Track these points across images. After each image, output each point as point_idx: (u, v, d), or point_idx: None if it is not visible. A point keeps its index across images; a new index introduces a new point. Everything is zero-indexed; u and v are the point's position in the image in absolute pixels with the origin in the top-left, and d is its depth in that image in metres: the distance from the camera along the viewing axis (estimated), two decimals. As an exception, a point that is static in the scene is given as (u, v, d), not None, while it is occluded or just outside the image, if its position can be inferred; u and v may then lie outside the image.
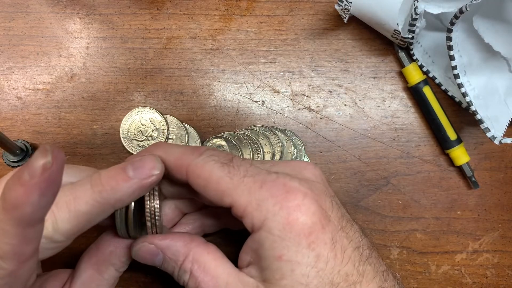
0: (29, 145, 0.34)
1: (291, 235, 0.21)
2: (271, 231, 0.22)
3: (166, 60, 0.37)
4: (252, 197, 0.22)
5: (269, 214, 0.22)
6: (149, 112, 0.35)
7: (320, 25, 0.38)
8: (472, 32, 0.32)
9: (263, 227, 0.22)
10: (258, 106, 0.37)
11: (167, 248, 0.24)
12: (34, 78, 0.36)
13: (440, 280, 0.36)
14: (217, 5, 0.37)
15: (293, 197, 0.22)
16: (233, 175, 0.23)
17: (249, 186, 0.22)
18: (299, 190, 0.22)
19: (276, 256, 0.22)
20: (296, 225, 0.22)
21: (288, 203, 0.22)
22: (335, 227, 0.22)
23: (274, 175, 0.23)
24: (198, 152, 0.24)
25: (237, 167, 0.23)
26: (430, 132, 0.37)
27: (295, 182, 0.23)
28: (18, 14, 0.37)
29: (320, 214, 0.22)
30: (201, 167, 0.23)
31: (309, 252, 0.21)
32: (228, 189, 0.23)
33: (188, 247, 0.24)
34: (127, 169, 0.23)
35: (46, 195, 0.18)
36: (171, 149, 0.25)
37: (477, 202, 0.36)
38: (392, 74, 0.37)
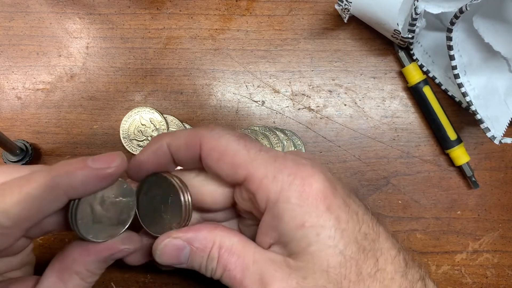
0: (29, 145, 0.34)
1: (309, 201, 0.22)
2: (289, 200, 0.22)
3: (166, 60, 0.37)
4: (268, 170, 0.23)
5: (285, 184, 0.22)
6: (149, 112, 0.35)
7: (320, 25, 0.38)
8: (472, 32, 0.32)
9: (280, 198, 0.22)
10: (258, 106, 0.37)
11: (194, 239, 0.24)
12: (34, 78, 0.36)
13: (440, 280, 0.36)
14: (217, 5, 0.37)
15: (304, 168, 0.23)
16: (249, 149, 0.23)
17: (265, 159, 0.23)
18: (307, 163, 0.23)
19: (299, 225, 0.22)
20: (311, 191, 0.22)
21: (301, 172, 0.23)
22: (343, 192, 0.23)
23: (282, 153, 0.24)
24: (210, 127, 0.24)
25: (252, 142, 0.24)
26: (430, 132, 0.37)
27: (302, 159, 0.24)
28: (18, 14, 0.37)
29: (329, 182, 0.23)
30: (216, 140, 0.23)
31: (329, 215, 0.22)
32: (245, 162, 0.23)
33: (213, 233, 0.24)
34: (87, 159, 0.22)
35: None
36: (179, 132, 0.25)
37: (477, 202, 0.36)
38: (392, 74, 0.37)
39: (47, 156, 0.35)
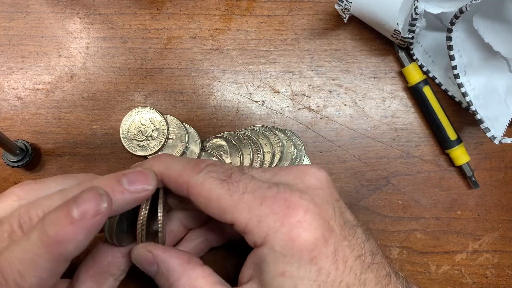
0: (29, 145, 0.34)
1: (293, 251, 0.21)
2: (273, 247, 0.22)
3: (166, 60, 0.37)
4: (252, 214, 0.22)
5: (270, 231, 0.22)
6: (149, 112, 0.35)
7: (320, 25, 0.38)
8: (472, 32, 0.32)
9: (265, 243, 0.22)
10: (258, 106, 0.37)
11: (163, 262, 0.24)
12: (34, 78, 0.36)
13: (440, 280, 0.36)
14: (217, 5, 0.37)
15: (294, 213, 0.22)
16: (232, 192, 0.23)
17: (249, 203, 0.22)
18: (300, 205, 0.22)
19: (279, 272, 0.22)
20: (299, 241, 0.21)
21: (289, 219, 0.22)
22: (337, 237, 0.22)
23: (274, 189, 0.23)
24: (198, 169, 0.24)
25: (237, 183, 0.23)
26: (430, 132, 0.37)
27: (295, 195, 0.23)
28: (18, 14, 0.37)
29: (322, 228, 0.22)
30: (200, 185, 0.23)
31: (311, 267, 0.21)
32: (229, 207, 0.23)
33: (183, 268, 0.24)
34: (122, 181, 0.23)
35: (91, 235, 0.20)
36: (172, 165, 0.25)
37: (477, 202, 0.36)
38: (392, 74, 0.37)
39: (47, 156, 0.35)
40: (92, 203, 0.19)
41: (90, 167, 0.35)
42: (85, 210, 0.19)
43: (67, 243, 0.19)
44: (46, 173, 0.35)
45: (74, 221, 0.19)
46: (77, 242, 0.19)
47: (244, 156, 0.35)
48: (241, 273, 0.24)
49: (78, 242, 0.19)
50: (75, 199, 0.19)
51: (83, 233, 0.19)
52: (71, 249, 0.20)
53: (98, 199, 0.20)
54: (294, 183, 0.24)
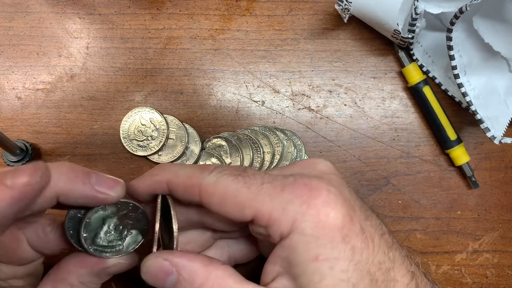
0: (29, 145, 0.34)
1: (325, 232, 0.21)
2: (304, 231, 0.21)
3: (166, 60, 0.37)
4: (275, 202, 0.21)
5: (298, 215, 0.21)
6: (149, 112, 0.35)
7: (320, 25, 0.38)
8: (472, 32, 0.32)
9: (294, 230, 0.21)
10: (258, 106, 0.37)
11: (184, 268, 0.22)
12: (34, 78, 0.36)
13: (440, 280, 0.36)
14: (217, 5, 0.37)
15: (318, 193, 0.22)
16: (250, 185, 0.22)
17: (270, 192, 0.22)
18: (321, 186, 0.22)
19: (312, 257, 0.21)
20: (328, 221, 0.21)
21: (315, 200, 0.21)
22: (360, 216, 0.22)
23: (291, 178, 0.23)
24: (208, 170, 0.23)
25: (252, 176, 0.22)
26: (430, 132, 0.37)
27: (314, 179, 0.22)
28: (18, 14, 0.37)
29: (347, 206, 0.22)
30: (214, 184, 0.22)
31: (345, 246, 0.21)
32: (248, 200, 0.22)
33: (207, 270, 0.22)
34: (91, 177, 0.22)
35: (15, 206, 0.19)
36: (179, 171, 0.24)
37: (477, 202, 0.36)
38: (392, 74, 0.37)
39: (47, 156, 0.35)
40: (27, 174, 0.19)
41: (90, 167, 0.35)
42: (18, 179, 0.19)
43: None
44: (46, 173, 0.35)
45: (4, 187, 0.19)
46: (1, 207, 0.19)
47: (244, 156, 0.35)
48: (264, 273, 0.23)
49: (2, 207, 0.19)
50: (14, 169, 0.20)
51: (6, 201, 0.19)
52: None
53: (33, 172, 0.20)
54: (306, 172, 0.24)
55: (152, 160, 0.35)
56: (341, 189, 0.23)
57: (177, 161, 0.35)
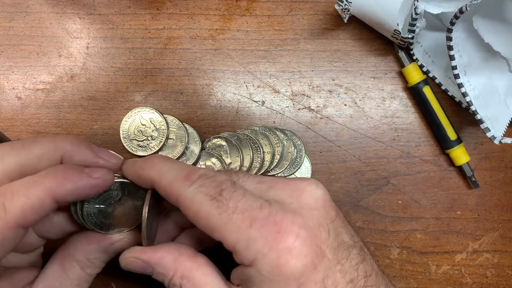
0: (29, 145, 0.34)
1: (280, 278, 0.21)
2: (260, 271, 0.21)
3: (166, 60, 0.37)
4: (241, 237, 0.22)
5: (258, 255, 0.21)
6: (149, 112, 0.35)
7: (320, 25, 0.38)
8: (472, 32, 0.32)
9: (253, 266, 0.22)
10: (258, 106, 0.37)
11: (156, 264, 0.24)
12: (34, 78, 0.36)
13: (440, 280, 0.36)
14: (217, 5, 0.37)
15: (284, 238, 0.22)
16: (222, 211, 0.22)
17: (238, 224, 0.22)
18: (290, 230, 0.22)
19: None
20: (286, 268, 0.21)
21: (278, 245, 0.21)
22: (329, 262, 0.22)
23: (266, 210, 0.22)
24: (189, 181, 0.23)
25: (227, 201, 0.22)
26: (430, 132, 0.37)
27: (288, 218, 0.22)
28: (18, 14, 0.37)
29: (313, 254, 0.22)
30: (190, 200, 0.23)
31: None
32: (218, 226, 0.22)
33: (176, 262, 0.23)
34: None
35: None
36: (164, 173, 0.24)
37: (477, 202, 0.36)
38: (392, 74, 0.37)
39: (47, 156, 0.35)
40: None
41: (90, 167, 0.35)
42: None
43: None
44: (46, 173, 0.35)
45: None
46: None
47: (244, 156, 0.35)
48: (231, 276, 0.24)
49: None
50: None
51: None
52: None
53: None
54: (288, 202, 0.24)
55: (152, 160, 0.35)
56: (315, 232, 0.22)
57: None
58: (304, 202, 0.24)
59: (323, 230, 0.23)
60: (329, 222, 0.24)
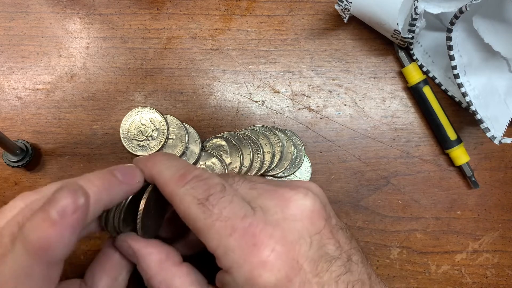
0: (29, 145, 0.34)
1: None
2: (235, 280, 0.22)
3: (166, 60, 0.37)
4: (221, 244, 0.22)
5: (234, 264, 0.22)
6: (149, 112, 0.35)
7: (320, 25, 0.38)
8: (472, 32, 0.32)
9: (230, 273, 0.22)
10: (258, 106, 0.37)
11: (141, 258, 0.24)
12: (34, 78, 0.36)
13: (440, 280, 0.36)
14: (217, 5, 0.37)
15: (259, 252, 0.22)
16: (207, 216, 0.23)
17: (220, 231, 0.22)
18: (267, 244, 0.22)
19: None
20: (259, 281, 0.21)
21: (252, 258, 0.22)
22: (305, 275, 0.22)
23: (248, 220, 0.23)
24: (183, 182, 0.24)
25: (212, 207, 0.23)
26: (430, 132, 0.37)
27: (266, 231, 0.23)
28: (18, 14, 0.37)
29: (287, 268, 0.22)
30: (180, 201, 0.23)
31: None
32: (202, 229, 0.23)
33: (160, 267, 0.24)
34: (116, 174, 0.24)
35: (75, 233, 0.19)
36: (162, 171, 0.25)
37: (477, 202, 0.36)
38: (392, 74, 0.37)
39: (47, 156, 0.35)
40: (68, 200, 0.19)
41: (90, 167, 0.35)
42: (63, 209, 0.19)
43: (53, 246, 0.19)
44: (46, 173, 0.35)
45: (54, 222, 0.19)
46: (63, 243, 0.19)
47: (244, 156, 0.35)
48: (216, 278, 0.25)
49: (65, 242, 0.19)
50: (49, 200, 0.19)
51: (67, 232, 0.19)
52: (59, 252, 0.19)
53: (73, 195, 0.19)
54: (272, 212, 0.24)
55: (152, 160, 0.35)
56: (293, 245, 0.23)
57: (177, 161, 0.35)
58: (289, 213, 0.24)
59: (304, 242, 0.23)
60: (314, 233, 0.24)
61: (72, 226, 0.19)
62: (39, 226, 0.19)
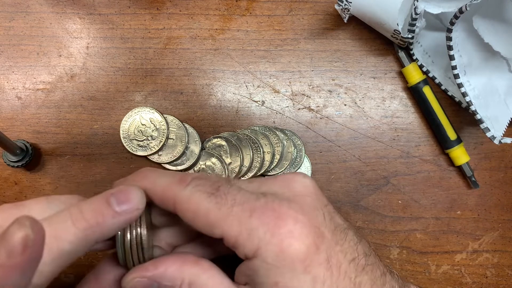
0: (29, 145, 0.34)
1: (285, 263, 0.21)
2: (265, 259, 0.21)
3: (166, 60, 0.37)
4: (243, 227, 0.22)
5: (261, 243, 0.22)
6: (149, 112, 0.35)
7: (320, 25, 0.38)
8: (472, 32, 0.32)
9: (257, 256, 0.22)
10: (258, 106, 0.37)
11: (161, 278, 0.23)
12: (34, 78, 0.36)
13: (440, 280, 0.36)
14: (217, 5, 0.37)
15: (283, 223, 0.22)
16: (221, 205, 0.22)
17: (239, 215, 0.22)
18: (289, 215, 0.22)
19: (272, 284, 0.21)
20: (290, 252, 0.21)
21: (279, 229, 0.22)
22: (329, 243, 0.22)
23: (262, 200, 0.23)
24: (185, 183, 0.23)
25: (225, 196, 0.23)
26: (430, 132, 0.37)
27: (284, 205, 0.23)
28: (18, 14, 0.37)
29: (314, 235, 0.22)
30: (188, 200, 0.23)
31: (305, 277, 0.21)
32: (218, 221, 0.22)
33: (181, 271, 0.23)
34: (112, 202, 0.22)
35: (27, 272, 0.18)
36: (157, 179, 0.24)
37: (477, 202, 0.37)
38: (392, 74, 0.37)
39: (47, 156, 0.35)
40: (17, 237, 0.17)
41: (90, 167, 0.35)
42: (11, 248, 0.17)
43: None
44: (46, 173, 0.35)
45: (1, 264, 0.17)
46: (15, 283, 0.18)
47: (244, 156, 0.35)
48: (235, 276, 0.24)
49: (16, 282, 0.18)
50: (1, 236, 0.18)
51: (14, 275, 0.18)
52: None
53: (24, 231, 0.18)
54: (281, 192, 0.24)
55: (152, 160, 0.35)
56: (312, 215, 0.23)
57: (177, 161, 0.35)
58: (296, 190, 0.24)
59: (319, 213, 0.23)
60: (323, 206, 0.24)
61: (21, 265, 0.17)
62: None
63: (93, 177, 0.36)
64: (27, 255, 0.18)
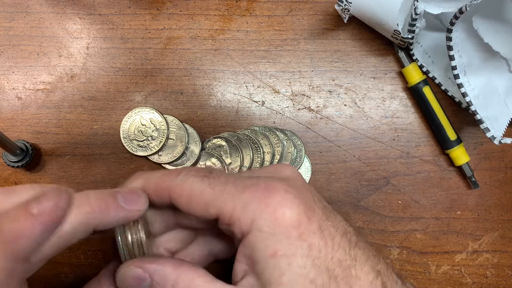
0: (29, 145, 0.34)
1: (281, 229, 0.22)
2: (261, 229, 0.22)
3: (166, 60, 0.37)
4: (237, 202, 0.23)
5: (256, 213, 0.22)
6: (149, 112, 0.35)
7: (320, 25, 0.38)
8: (472, 32, 0.32)
9: (253, 228, 0.22)
10: (258, 106, 0.37)
11: (155, 272, 0.23)
12: (34, 78, 0.36)
13: (440, 280, 0.36)
14: (217, 5, 0.37)
15: (275, 194, 0.23)
16: (214, 186, 0.23)
17: (232, 192, 0.23)
18: (279, 187, 0.23)
19: (271, 254, 0.22)
20: (284, 219, 0.22)
21: (272, 199, 0.23)
22: (320, 216, 0.23)
23: (254, 179, 0.24)
24: (177, 172, 0.24)
25: (218, 177, 0.24)
26: (430, 132, 0.37)
27: (274, 181, 0.24)
28: (18, 14, 0.37)
29: (304, 206, 0.23)
30: (181, 185, 0.24)
31: (301, 243, 0.22)
32: (212, 200, 0.23)
33: (177, 272, 0.23)
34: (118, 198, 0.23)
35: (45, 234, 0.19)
36: (150, 176, 0.25)
37: (477, 202, 0.37)
38: (392, 74, 0.37)
39: (48, 156, 0.35)
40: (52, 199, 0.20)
41: (90, 167, 0.35)
42: (43, 206, 0.19)
43: (22, 238, 0.19)
44: (46, 173, 0.35)
45: (31, 216, 0.19)
46: (33, 239, 0.19)
47: (244, 156, 0.35)
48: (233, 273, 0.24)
49: (34, 238, 0.19)
50: (37, 197, 0.20)
51: (39, 229, 0.19)
52: (27, 246, 0.19)
53: (58, 195, 0.20)
54: (271, 176, 0.25)
55: (152, 160, 0.35)
56: (301, 192, 0.24)
57: (177, 161, 0.35)
58: (285, 174, 0.26)
59: (308, 194, 0.24)
60: (311, 190, 0.25)
61: (45, 224, 0.19)
62: (16, 217, 0.19)
63: (93, 177, 0.36)
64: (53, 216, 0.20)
